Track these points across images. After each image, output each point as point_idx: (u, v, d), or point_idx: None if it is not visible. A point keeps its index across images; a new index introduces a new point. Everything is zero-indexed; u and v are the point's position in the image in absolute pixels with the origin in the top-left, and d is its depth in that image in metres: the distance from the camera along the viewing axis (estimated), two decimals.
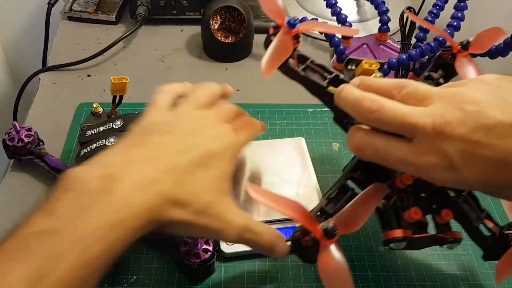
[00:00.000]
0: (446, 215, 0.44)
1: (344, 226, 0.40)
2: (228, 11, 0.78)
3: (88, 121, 0.60)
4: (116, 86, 0.57)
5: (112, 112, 0.60)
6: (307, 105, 0.72)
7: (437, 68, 0.54)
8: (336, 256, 0.39)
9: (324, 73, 0.50)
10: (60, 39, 0.83)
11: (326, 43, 0.84)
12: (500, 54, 0.64)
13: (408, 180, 0.44)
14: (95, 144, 0.53)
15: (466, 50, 0.52)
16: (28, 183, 0.60)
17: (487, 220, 0.47)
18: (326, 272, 0.39)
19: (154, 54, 0.81)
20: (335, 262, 0.39)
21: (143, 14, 0.81)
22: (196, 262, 0.49)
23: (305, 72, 0.50)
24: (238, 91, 0.74)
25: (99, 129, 0.55)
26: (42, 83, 0.74)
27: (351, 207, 0.42)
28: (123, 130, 0.54)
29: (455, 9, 0.69)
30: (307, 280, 0.53)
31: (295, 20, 0.47)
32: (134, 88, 0.73)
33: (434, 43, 0.68)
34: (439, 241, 0.45)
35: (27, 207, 0.58)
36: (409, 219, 0.43)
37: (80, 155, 0.53)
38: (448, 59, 0.52)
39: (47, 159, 0.60)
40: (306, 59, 0.50)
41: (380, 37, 0.81)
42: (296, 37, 0.49)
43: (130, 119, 0.55)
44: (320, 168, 0.62)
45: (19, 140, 0.60)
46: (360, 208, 0.42)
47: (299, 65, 0.50)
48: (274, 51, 0.47)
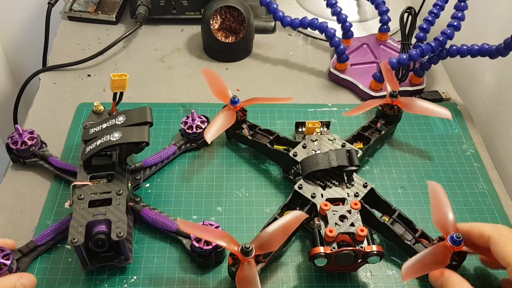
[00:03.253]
0: (361, 231, 0.49)
1: (261, 247, 0.48)
2: (228, 11, 0.78)
3: (90, 119, 0.60)
4: (116, 82, 0.57)
5: (113, 110, 0.60)
6: (307, 105, 0.72)
7: (379, 118, 0.65)
8: (249, 270, 0.46)
9: (269, 135, 0.63)
10: (60, 39, 0.83)
11: (326, 43, 0.84)
12: (500, 54, 0.64)
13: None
14: (100, 140, 0.53)
15: (396, 98, 0.63)
16: (28, 183, 0.60)
17: (422, 239, 0.53)
18: (240, 282, 0.46)
19: (154, 54, 0.81)
20: (247, 274, 0.46)
21: (143, 14, 0.81)
22: (208, 249, 0.50)
23: (253, 136, 0.63)
24: (238, 91, 0.74)
25: (102, 126, 0.55)
26: (42, 83, 0.74)
27: (269, 230, 0.49)
28: (126, 125, 0.54)
29: (455, 9, 0.69)
30: (307, 280, 0.53)
31: (234, 98, 0.61)
32: (134, 88, 0.74)
33: (434, 43, 0.68)
34: (362, 256, 0.50)
35: (27, 207, 0.58)
36: (327, 238, 0.49)
37: (86, 152, 0.54)
38: (387, 111, 0.64)
39: (52, 160, 0.60)
40: (255, 127, 0.64)
41: (380, 37, 0.81)
42: (243, 110, 0.63)
43: (132, 115, 0.55)
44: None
45: (23, 143, 0.60)
46: (277, 231, 0.49)
47: (249, 132, 0.63)
48: (221, 122, 0.60)
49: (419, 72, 0.74)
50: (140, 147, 0.53)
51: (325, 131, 0.63)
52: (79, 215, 0.49)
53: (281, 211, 0.55)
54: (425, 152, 0.66)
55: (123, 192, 0.51)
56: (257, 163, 0.64)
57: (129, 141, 0.52)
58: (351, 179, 0.56)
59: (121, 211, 0.49)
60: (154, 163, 0.61)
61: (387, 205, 0.55)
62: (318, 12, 0.86)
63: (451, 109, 0.72)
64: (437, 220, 0.50)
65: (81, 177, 0.53)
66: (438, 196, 0.51)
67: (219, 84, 0.65)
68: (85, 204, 0.50)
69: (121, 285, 0.51)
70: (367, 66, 0.77)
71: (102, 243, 0.48)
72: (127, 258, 0.51)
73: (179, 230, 0.53)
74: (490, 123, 0.76)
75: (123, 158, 0.55)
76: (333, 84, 0.77)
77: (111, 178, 0.53)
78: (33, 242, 0.52)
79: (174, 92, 0.74)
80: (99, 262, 0.51)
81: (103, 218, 0.49)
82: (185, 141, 0.64)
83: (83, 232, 0.47)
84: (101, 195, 0.51)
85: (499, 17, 0.75)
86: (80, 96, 0.72)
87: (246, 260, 0.47)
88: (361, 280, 0.53)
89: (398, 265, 0.54)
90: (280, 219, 0.50)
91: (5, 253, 0.49)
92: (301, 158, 0.58)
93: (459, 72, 0.84)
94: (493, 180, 0.63)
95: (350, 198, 0.54)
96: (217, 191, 0.60)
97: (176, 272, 0.53)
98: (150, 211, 0.55)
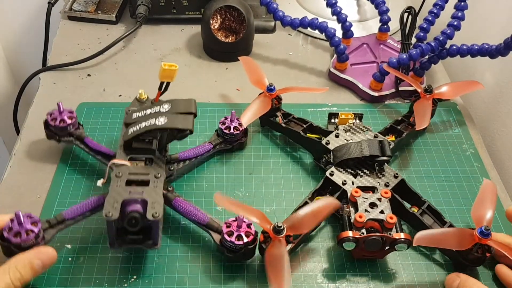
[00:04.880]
0: (390, 218, 0.51)
1: (292, 227, 0.50)
2: (228, 10, 0.78)
3: (133, 105, 0.60)
4: (165, 72, 0.57)
5: (156, 99, 0.60)
6: (307, 105, 0.72)
7: (412, 113, 0.65)
8: (279, 248, 0.48)
9: (302, 124, 0.65)
10: (60, 38, 0.83)
11: (326, 42, 0.84)
12: (500, 54, 0.64)
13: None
14: (145, 123, 0.53)
15: (430, 93, 0.65)
16: (28, 183, 0.60)
17: None
18: (269, 258, 0.48)
19: (154, 54, 0.80)
20: (277, 252, 0.48)
21: (143, 13, 0.81)
22: (239, 245, 0.50)
23: (287, 124, 0.65)
24: (238, 91, 0.74)
25: (145, 111, 0.55)
26: (42, 83, 0.74)
27: (301, 213, 0.51)
28: (172, 112, 0.54)
29: (455, 9, 0.69)
30: (309, 279, 0.53)
31: (271, 86, 0.64)
32: (134, 88, 0.74)
33: (434, 43, 0.68)
34: (390, 242, 0.51)
35: (27, 207, 0.58)
36: (357, 224, 0.51)
37: (129, 133, 0.54)
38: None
39: (87, 141, 0.60)
40: (289, 115, 0.66)
41: (380, 36, 0.81)
42: (278, 98, 0.65)
43: (177, 104, 0.55)
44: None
45: (61, 121, 0.60)
46: (309, 215, 0.51)
47: (283, 119, 0.66)
48: (257, 107, 0.63)
49: (419, 72, 0.74)
50: (184, 135, 0.53)
51: (357, 123, 0.63)
52: (115, 192, 0.49)
53: (312, 196, 0.56)
54: (425, 152, 0.66)
55: (161, 176, 0.52)
56: (286, 154, 0.65)
57: (174, 126, 0.52)
58: (382, 169, 0.57)
59: (158, 194, 0.49)
60: (189, 157, 0.61)
61: (417, 197, 0.56)
62: (318, 12, 0.86)
63: (451, 109, 0.73)
64: (475, 212, 0.51)
65: (120, 157, 0.53)
66: (486, 193, 0.52)
67: (257, 72, 0.67)
68: (123, 182, 0.50)
69: (121, 285, 0.51)
70: (367, 66, 0.77)
71: (136, 221, 0.48)
72: (155, 242, 0.50)
73: (210, 223, 0.53)
74: (490, 123, 0.76)
75: (164, 144, 0.55)
76: (333, 84, 0.77)
77: (149, 163, 0.53)
78: (61, 215, 0.51)
79: (174, 92, 0.73)
80: (127, 244, 0.50)
81: (140, 198, 0.48)
82: (221, 141, 0.64)
83: (118, 208, 0.47)
84: (139, 176, 0.51)
85: (499, 17, 0.75)
86: (80, 96, 0.72)
87: (277, 238, 0.49)
88: (389, 267, 0.54)
89: (426, 255, 0.55)
90: (313, 203, 0.52)
91: (33, 220, 0.49)
92: (334, 146, 0.59)
93: (459, 72, 0.84)
94: (493, 180, 0.63)
95: (380, 187, 0.55)
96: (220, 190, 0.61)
97: (176, 272, 0.52)
98: (183, 201, 0.55)
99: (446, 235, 0.50)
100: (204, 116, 0.69)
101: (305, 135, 0.63)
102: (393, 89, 0.73)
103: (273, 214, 0.58)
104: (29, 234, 0.48)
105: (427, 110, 0.63)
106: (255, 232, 0.51)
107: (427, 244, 0.51)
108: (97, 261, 0.53)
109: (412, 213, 0.55)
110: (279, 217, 0.57)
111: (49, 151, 0.64)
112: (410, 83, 0.67)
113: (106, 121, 0.68)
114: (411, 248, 0.55)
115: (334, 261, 0.54)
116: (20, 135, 0.66)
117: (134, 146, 0.54)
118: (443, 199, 0.61)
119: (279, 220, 0.50)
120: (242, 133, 0.64)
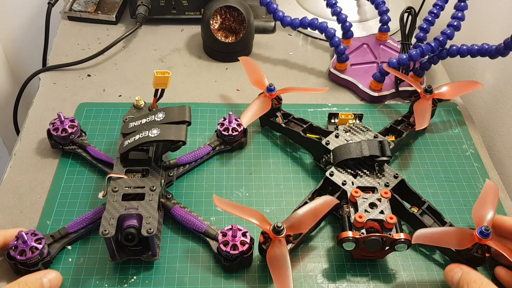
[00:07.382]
0: (390, 218, 0.51)
1: (292, 227, 0.50)
2: (228, 11, 0.78)
3: (130, 113, 0.60)
4: (158, 79, 0.57)
5: (153, 106, 0.61)
6: (307, 105, 0.72)
7: (412, 113, 0.65)
8: (280, 248, 0.48)
9: (302, 124, 0.65)
10: (60, 39, 0.83)
11: (326, 43, 0.84)
12: (500, 54, 0.64)
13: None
14: (138, 135, 0.54)
15: (430, 94, 0.64)
16: (28, 183, 0.60)
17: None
18: (271, 259, 0.48)
19: (154, 54, 0.81)
20: (278, 252, 0.48)
21: (143, 14, 0.81)
22: (235, 254, 0.50)
23: (286, 124, 0.65)
24: (238, 91, 0.74)
25: (141, 121, 0.56)
26: (42, 83, 0.74)
27: (300, 212, 0.51)
28: (165, 122, 0.54)
29: (455, 9, 0.69)
30: (309, 279, 0.53)
31: (271, 86, 0.64)
32: (134, 88, 0.74)
33: (434, 43, 0.68)
34: (390, 243, 0.51)
35: (27, 207, 0.58)
36: (356, 224, 0.51)
37: (124, 146, 0.54)
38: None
39: (90, 150, 0.61)
40: (289, 115, 0.66)
41: (380, 37, 0.81)
42: (278, 99, 0.65)
43: (171, 113, 0.55)
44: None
45: (63, 130, 0.61)
46: (308, 214, 0.51)
47: (283, 120, 0.65)
48: (257, 107, 0.63)
49: (419, 72, 0.74)
50: (177, 146, 0.54)
51: (357, 123, 0.63)
52: (112, 207, 0.50)
53: (312, 196, 0.56)
54: (425, 152, 0.66)
55: (156, 189, 0.52)
56: (285, 154, 0.64)
57: (166, 138, 0.53)
58: (382, 169, 0.57)
59: (153, 207, 0.50)
60: (188, 162, 0.61)
61: (416, 197, 0.56)
62: (318, 12, 0.86)
63: (451, 109, 0.73)
64: (476, 213, 0.51)
65: (117, 170, 0.54)
66: (488, 194, 0.53)
67: (257, 72, 0.68)
68: (119, 196, 0.51)
69: (121, 285, 0.51)
70: (367, 66, 0.77)
71: (132, 237, 0.49)
72: (154, 254, 0.51)
73: (207, 231, 0.54)
74: (490, 123, 0.76)
75: (159, 154, 0.56)
76: (333, 84, 0.77)
77: (146, 173, 0.54)
78: (65, 229, 0.53)
79: (174, 92, 0.74)
80: (127, 255, 0.51)
81: (135, 213, 0.49)
82: (220, 142, 0.64)
83: (115, 224, 0.48)
84: (135, 189, 0.52)
85: (499, 17, 0.75)
86: (80, 96, 0.72)
87: (277, 238, 0.49)
88: (389, 267, 0.54)
89: (426, 256, 0.55)
90: (311, 202, 0.52)
91: (37, 237, 0.50)
92: (333, 147, 0.59)
93: (459, 72, 0.84)
94: (493, 180, 0.63)
95: (380, 188, 0.55)
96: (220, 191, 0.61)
97: (176, 273, 0.53)
98: (181, 209, 0.55)
99: (446, 234, 0.50)
100: (204, 116, 0.69)
101: (305, 135, 0.63)
102: (393, 89, 0.73)
103: (273, 215, 0.58)
104: (34, 252, 0.49)
105: (427, 110, 0.63)
106: (250, 240, 0.51)
107: (427, 242, 0.51)
108: (97, 262, 0.53)
109: (412, 213, 0.55)
110: (279, 217, 0.57)
111: (49, 151, 0.64)
112: (410, 83, 0.67)
113: (106, 121, 0.68)
114: (411, 248, 0.55)
115: (334, 261, 0.54)
116: (20, 135, 0.66)
117: (131, 157, 0.55)
118: (443, 199, 0.61)
119: (279, 220, 0.50)
120: (241, 134, 0.64)
